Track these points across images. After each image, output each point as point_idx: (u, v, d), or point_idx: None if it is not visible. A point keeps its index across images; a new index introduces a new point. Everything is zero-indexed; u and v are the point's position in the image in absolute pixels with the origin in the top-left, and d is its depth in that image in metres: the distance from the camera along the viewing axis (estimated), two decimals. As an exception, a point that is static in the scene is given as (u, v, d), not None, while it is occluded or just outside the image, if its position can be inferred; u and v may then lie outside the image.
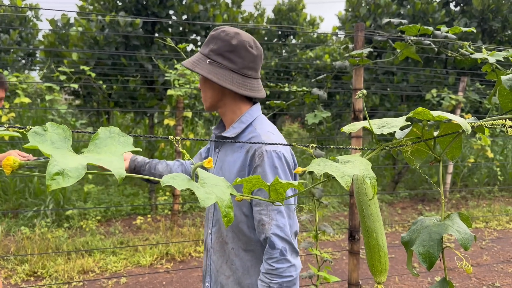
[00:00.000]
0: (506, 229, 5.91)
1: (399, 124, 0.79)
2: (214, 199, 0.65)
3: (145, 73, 5.78)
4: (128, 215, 5.93)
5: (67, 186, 5.63)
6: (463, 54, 1.49)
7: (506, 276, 4.23)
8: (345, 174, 0.70)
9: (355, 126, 0.83)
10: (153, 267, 4.33)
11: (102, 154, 0.62)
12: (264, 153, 1.37)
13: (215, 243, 1.54)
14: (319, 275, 2.26)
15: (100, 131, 0.65)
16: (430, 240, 0.74)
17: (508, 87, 0.70)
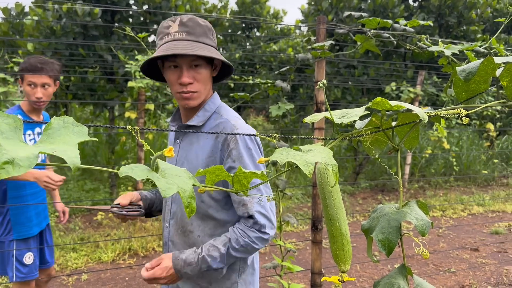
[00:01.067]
0: (461, 217, 6.18)
1: (358, 114, 0.80)
2: (176, 189, 0.63)
3: (104, 64, 5.61)
4: (89, 211, 5.77)
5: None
6: (420, 47, 1.53)
7: (461, 262, 4.43)
8: (308, 162, 0.71)
9: (317, 116, 0.84)
10: (115, 263, 4.25)
11: (55, 144, 0.59)
12: (237, 136, 1.39)
13: (174, 236, 1.52)
14: (283, 265, 2.28)
15: (53, 120, 0.62)
16: (389, 227, 0.76)
17: (463, 77, 0.72)
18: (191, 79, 1.41)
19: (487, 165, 8.83)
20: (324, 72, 2.14)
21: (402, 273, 0.79)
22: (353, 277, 4.01)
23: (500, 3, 8.18)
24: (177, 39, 1.39)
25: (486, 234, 5.40)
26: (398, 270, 0.79)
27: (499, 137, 10.09)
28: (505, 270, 4.22)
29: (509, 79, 0.74)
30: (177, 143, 1.55)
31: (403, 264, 0.79)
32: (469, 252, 4.73)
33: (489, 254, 4.66)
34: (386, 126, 0.90)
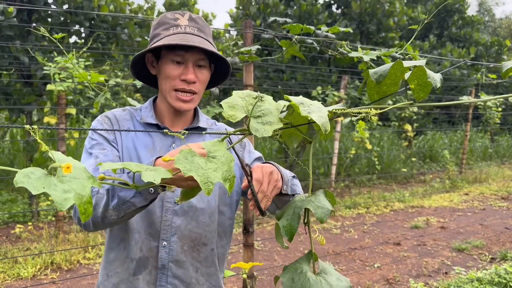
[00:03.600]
0: (384, 213, 6.54)
1: (273, 118, 0.82)
2: (73, 199, 0.57)
3: (20, 66, 5.24)
4: (6, 224, 5.34)
5: None
6: (341, 53, 1.60)
7: (385, 256, 4.68)
8: (209, 180, 0.71)
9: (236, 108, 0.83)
10: (36, 278, 3.96)
11: None
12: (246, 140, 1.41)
13: (179, 254, 1.30)
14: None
15: None
16: (293, 214, 0.81)
17: (375, 79, 0.76)
18: (195, 78, 1.29)
19: (406, 163, 9.45)
20: (253, 76, 2.16)
21: (308, 259, 0.83)
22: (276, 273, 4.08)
23: (414, 12, 8.80)
24: (189, 32, 1.27)
25: (407, 228, 5.76)
26: (305, 257, 0.84)
27: (416, 137, 10.85)
28: (424, 262, 4.53)
29: (416, 83, 0.79)
30: (172, 148, 1.34)
31: (310, 251, 0.83)
32: (392, 246, 5.01)
33: (410, 248, 4.97)
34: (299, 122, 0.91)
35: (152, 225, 1.29)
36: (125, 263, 1.32)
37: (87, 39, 5.86)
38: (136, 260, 1.30)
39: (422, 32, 13.78)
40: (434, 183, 8.67)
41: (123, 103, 5.69)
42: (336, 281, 0.78)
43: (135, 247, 1.30)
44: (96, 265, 4.30)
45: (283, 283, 0.76)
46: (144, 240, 1.29)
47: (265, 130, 0.77)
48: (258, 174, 1.10)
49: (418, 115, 9.89)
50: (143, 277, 1.30)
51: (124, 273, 1.33)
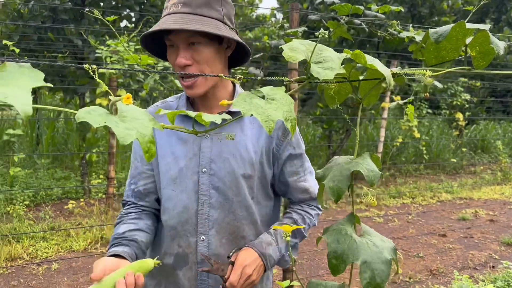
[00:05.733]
0: (430, 204, 6.35)
1: (335, 64, 0.80)
2: (135, 135, 0.60)
3: (74, 49, 5.46)
4: (59, 200, 5.66)
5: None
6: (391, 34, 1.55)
7: (429, 247, 4.57)
8: (269, 118, 0.70)
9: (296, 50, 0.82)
10: (87, 251, 4.19)
11: (9, 87, 0.55)
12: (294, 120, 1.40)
13: (218, 248, 1.26)
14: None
15: (7, 63, 0.59)
16: (340, 175, 0.78)
17: (434, 39, 0.73)
18: (188, 60, 1.15)
19: (456, 153, 9.09)
20: (298, 59, 2.13)
21: (351, 221, 0.81)
22: (325, 263, 4.08)
23: (470, -5, 8.35)
24: (172, 12, 1.16)
25: (454, 220, 5.57)
26: (347, 218, 0.82)
27: (468, 126, 10.39)
28: (470, 254, 4.38)
29: (478, 50, 0.75)
30: (206, 138, 1.26)
31: (352, 213, 0.82)
32: (437, 237, 4.88)
33: (456, 240, 4.82)
34: (353, 78, 0.91)
35: (189, 220, 1.26)
36: (163, 259, 1.31)
37: (137, 23, 6.02)
38: (174, 255, 1.29)
39: (478, 17, 13.07)
40: (484, 175, 8.31)
41: (171, 86, 5.81)
42: (381, 242, 0.76)
43: (171, 243, 1.29)
44: (142, 241, 4.47)
45: (329, 244, 0.75)
46: (182, 235, 1.27)
47: (326, 74, 0.76)
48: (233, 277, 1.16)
49: (470, 104, 9.46)
50: (183, 273, 1.29)
51: (162, 269, 1.32)
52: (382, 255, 0.74)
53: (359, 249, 0.74)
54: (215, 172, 1.24)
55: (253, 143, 1.27)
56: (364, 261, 0.73)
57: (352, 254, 0.74)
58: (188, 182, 1.25)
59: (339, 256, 0.75)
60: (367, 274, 0.72)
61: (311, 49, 0.85)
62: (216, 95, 1.26)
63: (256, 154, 1.26)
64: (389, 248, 0.76)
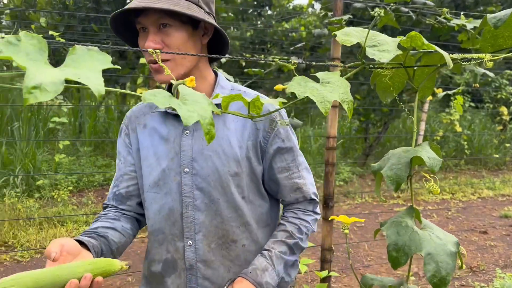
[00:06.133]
0: (470, 200, 6.17)
1: (391, 47, 0.79)
2: (196, 117, 0.63)
3: (116, 40, 5.61)
4: (101, 186, 5.85)
5: (38, 157, 5.47)
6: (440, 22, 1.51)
7: (470, 244, 4.44)
8: (325, 99, 0.70)
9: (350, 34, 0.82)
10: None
11: (80, 69, 0.59)
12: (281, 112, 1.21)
13: (206, 253, 1.17)
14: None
15: (77, 46, 0.62)
16: (398, 163, 0.76)
17: (493, 24, 0.71)
18: (158, 43, 1.05)
19: (499, 149, 8.75)
20: (340, 48, 2.12)
21: (410, 213, 0.80)
22: (361, 256, 4.05)
23: (519, -17, 7.96)
24: None
25: (496, 217, 5.39)
26: (406, 211, 0.80)
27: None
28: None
29: None
30: (186, 135, 1.18)
31: (411, 206, 0.80)
32: (477, 234, 4.74)
33: (498, 237, 4.66)
34: (408, 64, 0.89)
35: (176, 223, 1.18)
36: (152, 266, 1.24)
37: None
38: (163, 262, 1.21)
39: (527, 6, 12.45)
40: (530, 172, 7.97)
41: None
42: (444, 235, 0.75)
43: (160, 249, 1.21)
44: (180, 228, 4.57)
45: (388, 236, 0.74)
46: (170, 240, 1.19)
47: (383, 55, 0.75)
48: None
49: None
50: (172, 281, 1.21)
51: (152, 276, 1.25)
52: (447, 247, 0.72)
53: (421, 240, 0.72)
54: (198, 171, 1.15)
55: (237, 138, 1.16)
56: (428, 253, 0.71)
57: (414, 246, 0.72)
58: (172, 184, 1.17)
59: (400, 248, 0.73)
60: (431, 266, 0.71)
61: (364, 35, 0.84)
62: (200, 82, 1.17)
63: (241, 149, 1.16)
64: (453, 242, 0.74)
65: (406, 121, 8.69)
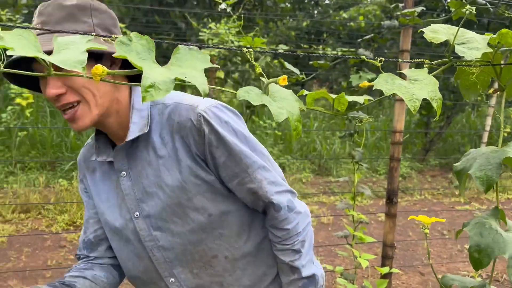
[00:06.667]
0: (539, 201, 5.80)
1: (480, 45, 0.78)
2: (286, 114, 0.66)
3: (178, 31, 5.75)
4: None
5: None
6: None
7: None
8: (414, 97, 0.70)
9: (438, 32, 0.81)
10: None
11: (184, 68, 0.63)
12: (204, 114, 0.98)
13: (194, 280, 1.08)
14: (354, 235, 2.29)
15: (180, 46, 0.67)
16: (488, 164, 0.74)
17: None
18: (60, 88, 0.91)
19: None
20: (410, 41, 2.05)
21: (495, 215, 0.77)
22: (420, 254, 3.94)
23: None
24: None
25: None
26: (491, 213, 0.78)
27: None
28: None
29: None
30: (123, 177, 1.06)
31: (496, 207, 0.78)
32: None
33: None
34: (496, 62, 0.87)
35: (148, 268, 1.09)
36: None
37: (235, 6, 6.16)
38: None
39: None
40: None
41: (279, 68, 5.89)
42: None
43: None
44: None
45: (471, 237, 0.73)
46: (150, 283, 1.11)
47: (472, 53, 0.74)
48: None
49: None
50: None
51: None
52: (532, 251, 0.70)
53: (506, 243, 0.71)
54: (148, 212, 1.04)
55: (173, 163, 1.01)
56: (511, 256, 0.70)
57: (497, 248, 0.71)
58: (127, 232, 1.08)
59: (482, 250, 0.72)
60: (515, 269, 0.70)
61: (451, 32, 0.82)
62: (110, 119, 1.01)
63: (182, 173, 1.01)
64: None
65: (470, 115, 8.28)
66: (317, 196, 5.44)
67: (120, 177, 1.06)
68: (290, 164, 6.32)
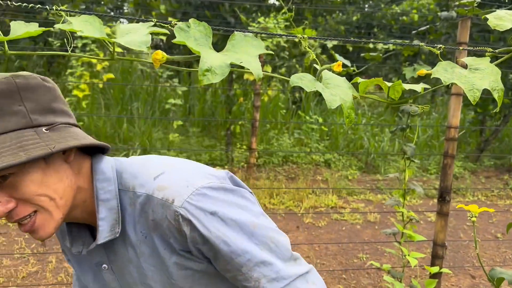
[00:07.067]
0: None
1: None
2: (339, 101, 0.66)
3: (227, 26, 5.81)
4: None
5: (154, 135, 5.93)
6: None
7: None
8: (474, 87, 0.68)
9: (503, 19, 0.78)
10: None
11: (239, 54, 0.65)
12: (182, 212, 0.79)
13: None
14: (403, 233, 2.24)
15: (236, 32, 0.69)
16: None
17: None
18: (7, 204, 0.74)
19: None
20: (468, 33, 1.97)
21: None
22: (471, 257, 3.78)
23: None
24: None
25: None
26: None
27: None
28: None
29: None
30: (105, 270, 0.92)
31: None
32: None
33: None
34: None
35: None
36: None
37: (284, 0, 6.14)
38: None
39: None
40: None
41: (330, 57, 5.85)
42: None
43: None
44: (279, 210, 4.67)
45: None
46: None
47: None
48: None
49: None
50: None
51: None
52: None
53: None
54: None
55: (156, 260, 0.86)
56: None
57: None
58: None
59: None
60: None
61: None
62: (75, 212, 0.85)
63: (168, 271, 0.86)
64: None
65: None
66: (364, 193, 5.34)
67: (102, 270, 0.92)
68: (336, 161, 6.23)
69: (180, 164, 0.91)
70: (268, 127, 7.01)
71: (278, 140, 6.54)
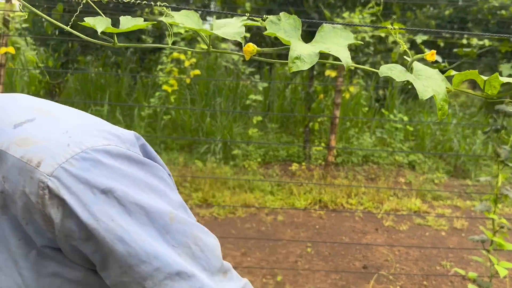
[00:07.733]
0: None
1: None
2: (431, 92, 0.66)
3: (310, 22, 5.79)
4: (284, 161, 6.23)
5: (234, 129, 6.11)
6: None
7: None
8: None
9: None
10: (307, 210, 4.54)
11: (328, 44, 0.67)
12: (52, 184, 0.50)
13: None
14: (493, 241, 2.09)
15: (325, 24, 0.71)
16: None
17: None
18: None
19: None
20: None
21: None
22: None
23: None
24: None
25: None
26: None
27: None
28: None
29: None
30: None
31: None
32: None
33: None
34: None
35: None
36: None
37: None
38: None
39: None
40: None
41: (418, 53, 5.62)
42: None
43: None
44: (358, 211, 4.58)
45: None
46: None
47: None
48: None
49: None
50: None
51: None
52: None
53: None
54: None
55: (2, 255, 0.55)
56: None
57: None
58: None
59: None
60: None
61: None
62: None
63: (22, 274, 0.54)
64: None
65: None
66: (451, 199, 5.04)
67: None
68: (421, 163, 5.95)
69: (62, 111, 0.59)
70: (348, 125, 6.88)
71: (359, 139, 6.39)
